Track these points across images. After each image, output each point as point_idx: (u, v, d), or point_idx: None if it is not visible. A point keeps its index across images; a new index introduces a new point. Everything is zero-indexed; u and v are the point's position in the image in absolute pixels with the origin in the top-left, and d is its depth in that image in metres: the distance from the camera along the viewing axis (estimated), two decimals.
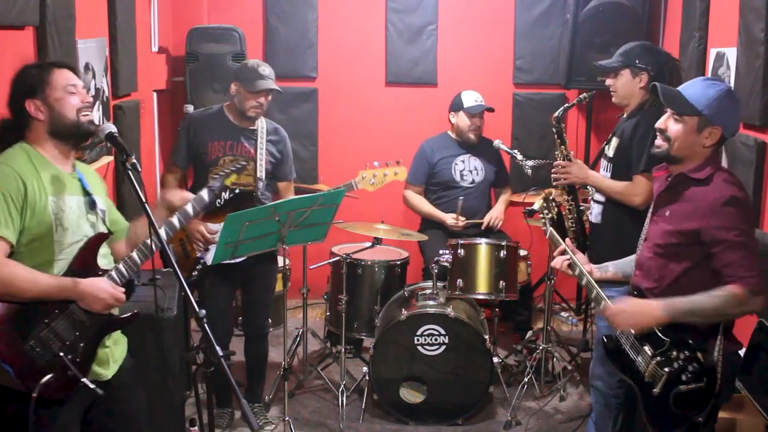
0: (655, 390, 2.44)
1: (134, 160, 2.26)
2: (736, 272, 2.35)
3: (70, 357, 2.24)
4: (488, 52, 5.61)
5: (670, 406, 2.42)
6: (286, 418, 3.53)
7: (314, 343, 4.77)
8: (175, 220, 2.53)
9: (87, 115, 2.34)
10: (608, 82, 3.34)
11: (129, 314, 2.40)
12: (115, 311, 2.41)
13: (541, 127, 5.52)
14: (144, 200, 2.24)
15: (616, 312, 2.52)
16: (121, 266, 2.36)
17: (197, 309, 2.09)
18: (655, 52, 3.30)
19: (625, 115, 3.35)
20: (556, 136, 3.50)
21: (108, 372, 2.44)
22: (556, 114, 3.51)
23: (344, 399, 4.01)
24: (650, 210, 2.65)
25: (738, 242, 2.35)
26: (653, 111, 3.22)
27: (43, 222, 2.24)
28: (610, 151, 3.32)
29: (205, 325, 2.07)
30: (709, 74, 4.03)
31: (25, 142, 2.32)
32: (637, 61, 3.23)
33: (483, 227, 4.66)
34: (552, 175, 3.51)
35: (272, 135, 3.76)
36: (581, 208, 3.52)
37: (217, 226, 3.26)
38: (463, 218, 4.62)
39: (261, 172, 3.67)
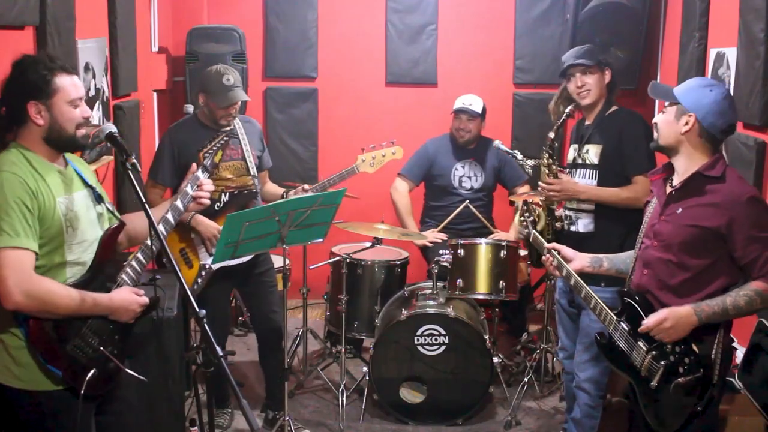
0: (652, 383, 2.47)
1: (134, 160, 2.26)
2: (762, 268, 2.38)
3: (109, 349, 2.33)
4: (488, 52, 5.61)
5: (669, 397, 2.45)
6: (287, 418, 3.54)
7: (314, 343, 4.77)
8: (169, 215, 2.52)
9: (83, 130, 2.29)
10: (583, 80, 3.27)
11: (151, 299, 2.47)
12: None
13: (541, 127, 5.47)
14: (144, 200, 2.25)
15: (661, 324, 2.45)
16: (134, 263, 2.42)
17: (197, 309, 2.09)
18: (608, 52, 3.35)
19: (588, 122, 3.33)
20: (547, 156, 3.32)
21: None
22: (552, 135, 3.32)
23: (344, 399, 4.01)
24: (652, 211, 2.64)
25: (762, 237, 2.38)
26: (628, 113, 3.30)
27: (54, 225, 2.21)
28: (593, 157, 3.28)
29: (206, 325, 2.07)
30: (709, 74, 4.03)
31: (17, 142, 2.24)
32: (601, 59, 3.28)
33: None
34: (540, 192, 3.36)
35: (249, 127, 3.75)
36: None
37: None
38: (443, 236, 4.52)
39: (253, 169, 3.68)
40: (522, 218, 3.15)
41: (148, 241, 2.38)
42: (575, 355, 3.43)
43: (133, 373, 2.39)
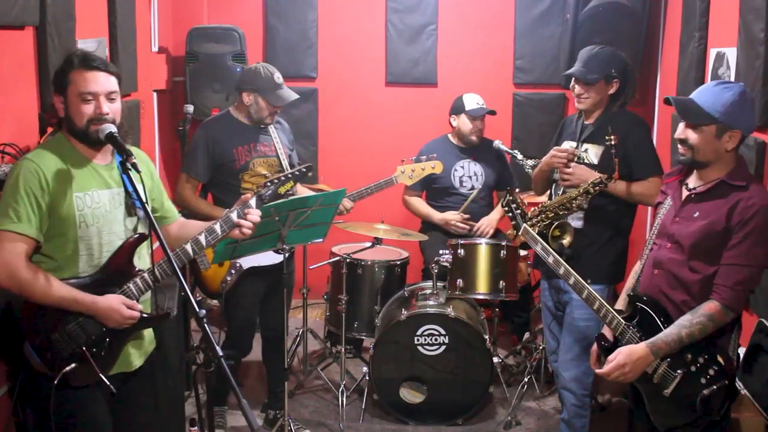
0: (666, 391, 2.45)
1: (134, 160, 2.27)
2: (722, 280, 2.40)
3: (94, 351, 2.32)
4: (488, 52, 5.61)
5: (684, 405, 2.43)
6: (287, 418, 3.54)
7: (314, 343, 4.77)
8: (201, 237, 2.48)
9: (97, 125, 2.31)
10: (580, 90, 3.28)
11: (161, 313, 2.50)
12: (148, 309, 2.48)
13: (541, 127, 5.53)
14: (144, 200, 2.27)
15: (621, 369, 2.49)
16: (146, 275, 2.38)
17: (197, 309, 2.09)
18: (620, 57, 3.29)
19: (587, 121, 3.32)
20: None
21: (137, 362, 2.52)
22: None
23: (344, 399, 4.01)
24: (665, 212, 2.63)
25: (750, 250, 2.37)
26: (631, 116, 3.30)
27: (67, 218, 2.29)
28: (592, 157, 3.26)
29: (205, 325, 2.07)
30: (709, 74, 4.03)
31: (63, 132, 2.38)
32: (612, 70, 3.23)
33: (472, 232, 4.50)
34: (558, 175, 3.30)
35: (278, 125, 3.82)
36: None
37: None
38: (467, 216, 4.51)
39: (286, 166, 3.71)
40: (507, 208, 3.08)
41: (186, 246, 2.42)
42: (559, 355, 3.43)
43: (106, 381, 2.35)
